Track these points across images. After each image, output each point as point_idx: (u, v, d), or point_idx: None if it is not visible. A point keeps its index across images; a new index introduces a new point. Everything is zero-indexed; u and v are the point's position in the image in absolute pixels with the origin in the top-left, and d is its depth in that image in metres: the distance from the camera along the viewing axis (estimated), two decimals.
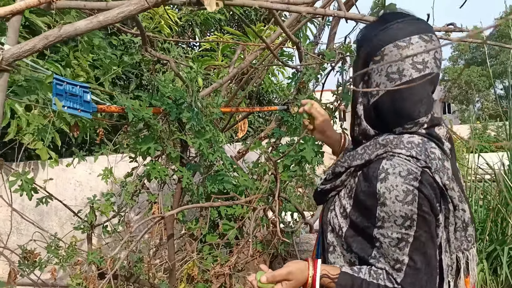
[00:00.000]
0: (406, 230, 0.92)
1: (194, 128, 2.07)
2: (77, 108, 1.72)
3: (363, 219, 0.99)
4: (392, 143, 0.98)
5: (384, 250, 0.95)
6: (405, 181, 0.91)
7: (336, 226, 1.05)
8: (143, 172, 2.44)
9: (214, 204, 2.33)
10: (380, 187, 0.93)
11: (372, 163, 0.98)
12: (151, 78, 1.95)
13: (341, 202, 1.05)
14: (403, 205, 0.91)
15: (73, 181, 3.29)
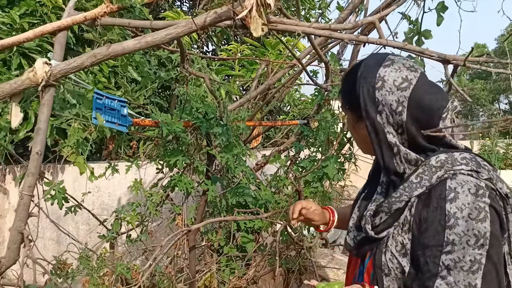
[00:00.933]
0: (479, 250, 0.87)
1: (223, 143, 2.10)
2: (115, 122, 1.75)
3: (427, 250, 0.92)
4: (448, 163, 0.95)
5: (454, 278, 0.88)
6: (476, 198, 0.89)
7: (394, 267, 0.98)
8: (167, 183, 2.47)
9: (238, 218, 2.36)
10: (450, 208, 0.89)
11: (433, 188, 0.94)
12: (184, 93, 1.98)
13: (396, 240, 0.99)
14: (476, 223, 0.87)
15: (92, 186, 3.31)
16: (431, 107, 0.96)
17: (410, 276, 0.95)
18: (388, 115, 0.98)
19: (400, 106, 0.96)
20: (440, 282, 0.89)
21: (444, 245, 0.89)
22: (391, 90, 0.97)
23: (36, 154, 1.41)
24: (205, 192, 2.27)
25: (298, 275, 2.76)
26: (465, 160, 0.95)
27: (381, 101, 0.98)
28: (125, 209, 2.10)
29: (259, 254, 2.76)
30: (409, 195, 0.96)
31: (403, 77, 0.97)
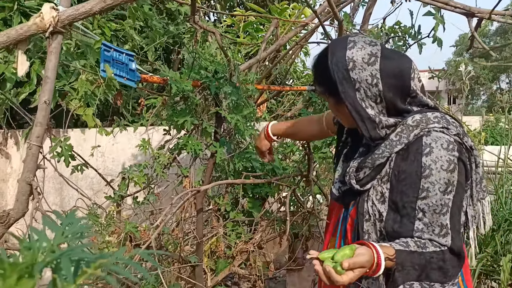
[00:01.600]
0: (448, 195, 1.04)
1: (233, 104, 2.04)
2: (123, 76, 1.69)
3: (404, 196, 1.07)
4: (423, 122, 1.09)
5: (429, 219, 1.04)
6: (447, 152, 1.04)
7: (375, 213, 1.12)
8: (174, 146, 2.42)
9: (246, 181, 2.32)
10: (425, 161, 1.05)
11: (411, 144, 1.09)
12: (192, 50, 1.91)
13: (376, 190, 1.13)
14: (447, 173, 1.03)
15: (95, 151, 3.27)
16: (400, 71, 1.10)
17: (387, 221, 1.10)
18: (366, 89, 1.09)
19: (374, 79, 1.08)
20: (418, 223, 1.05)
21: (420, 192, 1.05)
22: (362, 67, 1.08)
23: (44, 103, 1.36)
24: (213, 155, 2.23)
25: (305, 241, 2.75)
26: (436, 119, 1.10)
27: (357, 79, 1.09)
28: (132, 169, 2.06)
29: (265, 220, 2.75)
30: (390, 152, 1.11)
31: (369, 53, 1.09)
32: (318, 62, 1.19)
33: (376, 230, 1.13)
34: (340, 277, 0.94)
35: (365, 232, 1.14)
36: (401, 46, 2.22)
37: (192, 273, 2.48)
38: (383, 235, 1.12)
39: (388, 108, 1.13)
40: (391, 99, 1.11)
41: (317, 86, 1.24)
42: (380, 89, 1.09)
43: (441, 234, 1.04)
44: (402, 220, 1.08)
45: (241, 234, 2.61)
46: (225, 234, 2.60)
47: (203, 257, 2.45)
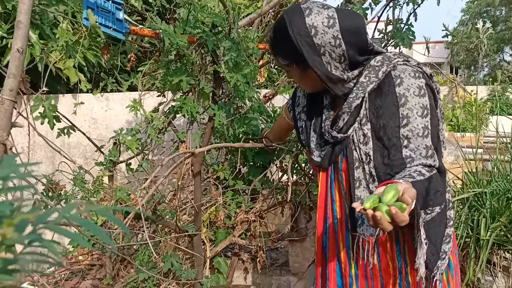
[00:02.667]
0: (426, 118, 1.10)
1: (232, 61, 1.87)
2: (109, 26, 1.52)
3: (388, 128, 1.12)
4: (386, 60, 1.16)
5: (414, 144, 1.09)
6: (416, 80, 1.11)
7: (362, 157, 1.15)
8: (169, 109, 2.26)
9: (245, 145, 2.17)
10: (399, 90, 1.11)
11: (382, 81, 1.14)
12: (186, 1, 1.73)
13: (358, 134, 1.16)
14: (420, 98, 1.10)
15: (88, 118, 3.11)
16: (357, 28, 1.13)
17: (376, 159, 1.13)
18: (330, 52, 1.13)
19: (337, 40, 1.12)
20: (405, 150, 1.10)
21: (401, 120, 1.10)
22: (324, 31, 1.11)
23: (17, 52, 1.19)
24: (211, 119, 2.08)
25: (308, 210, 2.63)
26: (396, 55, 1.18)
27: (321, 44, 1.12)
28: (124, 133, 1.91)
29: (267, 189, 2.62)
30: (364, 92, 1.15)
31: (327, 16, 1.12)
32: (277, 35, 1.20)
33: (365, 174, 1.15)
34: (405, 216, 0.89)
35: (356, 179, 1.17)
36: (416, 0, 2.03)
37: (190, 243, 2.37)
38: (373, 176, 1.14)
39: (350, 63, 1.16)
40: (353, 55, 1.15)
41: (280, 59, 1.22)
42: (344, 48, 1.13)
43: (428, 155, 1.09)
44: (390, 152, 1.11)
45: (241, 203, 2.48)
46: (225, 204, 2.47)
47: (201, 227, 2.33)
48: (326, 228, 1.30)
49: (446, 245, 1.17)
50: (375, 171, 1.13)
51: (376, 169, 1.13)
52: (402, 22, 2.10)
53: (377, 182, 1.13)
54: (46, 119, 1.67)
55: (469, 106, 5.55)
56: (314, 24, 1.11)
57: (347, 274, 1.26)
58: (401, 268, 1.19)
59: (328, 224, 1.30)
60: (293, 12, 1.15)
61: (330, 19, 1.12)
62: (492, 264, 2.36)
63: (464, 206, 2.46)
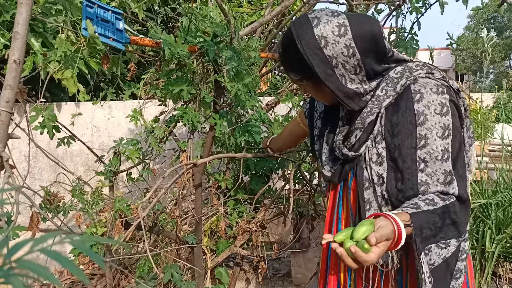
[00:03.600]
0: (447, 140, 0.99)
1: (233, 71, 1.86)
2: (109, 36, 1.51)
3: (403, 149, 1.02)
4: (406, 71, 1.05)
5: (431, 168, 0.99)
6: (438, 96, 1.00)
7: (373, 178, 1.06)
8: (170, 118, 2.25)
9: (247, 155, 2.15)
10: (418, 107, 1.00)
11: (400, 95, 1.04)
12: (188, 11, 1.72)
13: (371, 152, 1.07)
14: (441, 117, 0.99)
15: (90, 126, 3.11)
16: (372, 34, 1.02)
17: (389, 181, 1.03)
18: (343, 63, 1.03)
19: (350, 49, 1.02)
20: (421, 175, 0.99)
21: (418, 141, 1.00)
22: (335, 41, 1.01)
23: (14, 63, 1.18)
24: (212, 128, 2.06)
25: (310, 220, 2.60)
26: (419, 66, 1.07)
27: (332, 55, 1.02)
28: (124, 142, 1.89)
29: (269, 198, 2.59)
30: (379, 107, 1.05)
31: (337, 24, 1.02)
32: (285, 49, 1.10)
33: (377, 196, 1.06)
34: (368, 256, 0.82)
35: (366, 201, 1.08)
36: (419, 8, 2.01)
37: (191, 253, 2.34)
38: (385, 199, 1.05)
39: (368, 74, 1.06)
40: (370, 64, 1.05)
41: (291, 74, 1.13)
42: (358, 57, 1.03)
43: (446, 182, 0.98)
44: (403, 175, 1.01)
45: (243, 213, 2.46)
46: (226, 213, 2.45)
47: (202, 237, 2.30)
48: (329, 247, 1.24)
49: (456, 281, 1.06)
50: (388, 194, 1.04)
51: (388, 192, 1.04)
52: (406, 31, 2.08)
53: (390, 206, 1.04)
54: (45, 129, 1.66)
55: (474, 114, 5.50)
56: (324, 35, 1.01)
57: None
58: (401, 281, 1.11)
59: None
60: (300, 23, 1.05)
61: (341, 27, 1.02)
62: (498, 276, 2.32)
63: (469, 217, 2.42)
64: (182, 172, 1.68)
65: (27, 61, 2.65)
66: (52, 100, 3.67)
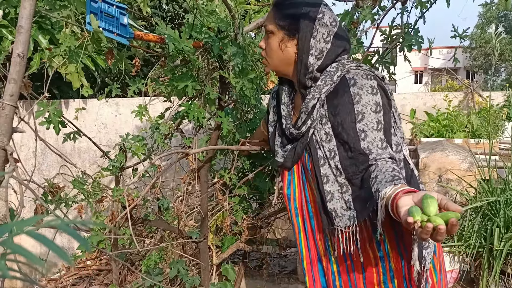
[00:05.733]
0: (379, 113, 1.19)
1: (238, 66, 1.85)
2: (113, 31, 1.51)
3: (345, 124, 1.19)
4: (340, 65, 1.27)
5: (370, 137, 1.17)
6: (368, 80, 1.21)
7: (327, 154, 1.23)
8: (175, 114, 2.26)
9: (242, 148, 2.12)
10: (353, 90, 1.20)
11: (337, 83, 1.24)
12: (193, 6, 1.72)
13: (320, 133, 1.25)
14: (373, 95, 1.20)
15: (97, 122, 3.13)
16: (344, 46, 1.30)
17: (340, 154, 1.21)
18: (319, 40, 1.27)
19: (328, 37, 1.28)
20: (363, 143, 1.17)
21: (356, 116, 1.19)
22: (325, 24, 1.27)
23: (18, 57, 1.19)
24: (218, 126, 2.06)
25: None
26: (349, 61, 1.29)
27: (317, 28, 1.26)
28: (130, 138, 1.90)
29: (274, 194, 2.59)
30: (320, 92, 1.25)
31: (334, 18, 1.30)
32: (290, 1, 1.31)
33: (332, 169, 1.22)
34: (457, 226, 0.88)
35: (323, 175, 1.23)
36: (424, 3, 1.99)
37: (196, 249, 2.35)
38: (339, 170, 1.20)
39: (318, 66, 1.27)
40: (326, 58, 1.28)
41: (279, 16, 1.31)
42: (328, 47, 1.27)
43: (383, 147, 1.16)
44: (349, 145, 1.18)
45: (248, 209, 2.46)
46: (232, 209, 2.45)
47: (207, 233, 2.31)
48: (306, 230, 1.37)
49: (425, 250, 1.18)
50: (341, 164, 1.20)
51: (341, 163, 1.20)
52: (410, 26, 2.06)
53: (344, 175, 1.20)
54: (51, 125, 1.68)
55: (484, 112, 5.43)
56: (325, 13, 1.27)
57: (329, 272, 1.32)
58: (382, 257, 1.22)
59: (306, 226, 1.36)
60: None
61: (334, 21, 1.29)
62: (506, 275, 2.29)
63: (477, 215, 2.39)
64: (175, 161, 1.70)
65: (34, 58, 2.67)
66: (61, 97, 3.70)
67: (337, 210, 1.20)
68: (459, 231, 2.47)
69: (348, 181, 1.20)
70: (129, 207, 1.39)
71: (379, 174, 1.08)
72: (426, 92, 8.16)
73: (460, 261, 2.46)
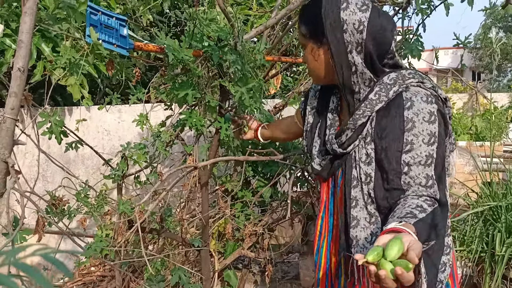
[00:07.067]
0: (432, 146, 1.05)
1: (237, 74, 1.87)
2: (113, 43, 1.53)
3: (389, 152, 1.07)
4: (399, 79, 1.11)
5: (414, 172, 1.05)
6: (427, 104, 1.06)
7: (361, 176, 1.12)
8: (176, 122, 2.27)
9: (250, 158, 2.15)
10: (408, 114, 1.06)
11: (392, 100, 1.10)
12: (192, 15, 1.74)
13: (361, 152, 1.13)
14: (429, 124, 1.05)
15: (101, 129, 3.16)
16: (385, 27, 1.10)
17: (376, 180, 1.10)
18: (351, 33, 1.09)
19: (361, 25, 1.09)
20: (405, 177, 1.06)
21: (404, 145, 1.06)
22: (354, 11, 1.09)
23: (18, 71, 1.21)
24: (218, 131, 2.08)
25: None
26: (411, 75, 1.12)
27: (346, 20, 1.09)
28: (131, 146, 1.92)
29: (276, 201, 2.60)
30: (371, 110, 1.11)
31: (362, 1, 1.11)
32: (310, 2, 1.20)
33: (363, 194, 1.12)
34: (410, 275, 0.80)
35: (352, 199, 1.14)
36: (425, 10, 1.99)
37: (198, 256, 2.36)
38: (371, 197, 1.11)
39: (366, 62, 1.12)
40: (370, 51, 1.11)
41: (302, 26, 1.22)
42: (364, 37, 1.09)
43: (428, 185, 1.05)
44: (388, 176, 1.08)
45: (250, 215, 2.47)
46: (234, 216, 2.46)
47: (209, 240, 2.32)
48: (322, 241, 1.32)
49: (442, 274, 1.12)
50: (374, 193, 1.10)
51: (375, 191, 1.10)
52: (412, 32, 2.07)
53: (375, 204, 1.10)
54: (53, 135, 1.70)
55: (489, 114, 5.41)
56: (349, 0, 1.11)
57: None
58: None
59: (324, 237, 1.31)
60: None
61: (364, 5, 1.10)
62: (509, 280, 2.28)
63: (479, 220, 2.39)
64: (183, 175, 1.70)
65: (38, 66, 2.70)
66: (64, 104, 3.73)
67: (360, 240, 1.13)
68: (461, 236, 2.47)
69: (379, 213, 1.11)
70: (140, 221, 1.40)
71: (398, 208, 1.01)
72: None
73: (463, 266, 2.46)
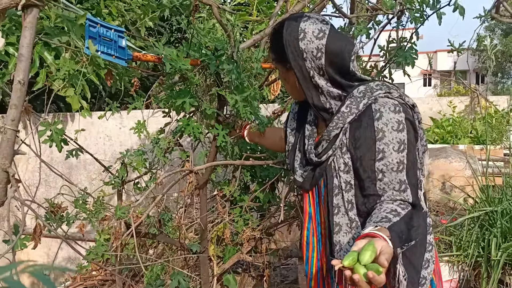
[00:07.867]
0: (402, 153, 1.12)
1: (233, 83, 1.91)
2: (112, 54, 1.58)
3: (363, 161, 1.15)
4: (368, 91, 1.18)
5: (388, 178, 1.12)
6: (395, 114, 1.13)
7: (343, 185, 1.19)
8: (175, 128, 2.31)
9: (246, 163, 2.19)
10: (377, 125, 1.13)
11: (362, 113, 1.17)
12: (190, 26, 1.78)
13: (339, 162, 1.20)
14: (398, 132, 1.12)
15: (102, 135, 3.20)
16: (342, 51, 1.19)
17: (356, 188, 1.18)
18: (311, 60, 1.19)
19: (319, 52, 1.18)
20: (379, 183, 1.13)
21: (376, 154, 1.13)
22: (311, 40, 1.18)
23: (18, 84, 1.26)
24: (215, 138, 2.11)
25: None
26: (378, 86, 1.20)
27: (304, 49, 1.19)
28: (130, 153, 1.96)
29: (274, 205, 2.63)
30: (344, 122, 1.19)
31: (319, 29, 1.19)
32: (275, 31, 1.28)
33: (344, 201, 1.19)
34: (381, 278, 0.87)
35: (335, 206, 1.20)
36: (418, 18, 2.03)
37: (197, 260, 2.39)
38: (352, 204, 1.18)
39: (331, 82, 1.22)
40: (331, 74, 1.20)
41: (271, 54, 1.32)
42: (322, 63, 1.19)
43: (401, 189, 1.12)
44: (364, 184, 1.15)
45: (248, 220, 2.50)
46: (233, 221, 2.49)
47: (208, 245, 2.35)
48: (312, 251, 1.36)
49: (425, 270, 1.18)
50: (355, 199, 1.18)
51: (355, 198, 1.18)
52: (406, 40, 2.10)
53: (355, 210, 1.18)
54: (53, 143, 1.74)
55: (490, 117, 5.42)
56: (305, 30, 1.19)
57: None
58: None
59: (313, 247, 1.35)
60: (295, 15, 1.25)
61: (320, 32, 1.18)
62: (505, 284, 2.30)
63: (475, 224, 2.41)
64: (179, 179, 1.75)
65: (40, 74, 2.75)
66: (66, 109, 3.79)
67: (343, 244, 1.19)
68: (458, 241, 2.49)
69: (359, 217, 1.18)
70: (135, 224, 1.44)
71: (375, 213, 1.07)
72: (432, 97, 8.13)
73: (460, 270, 2.48)
